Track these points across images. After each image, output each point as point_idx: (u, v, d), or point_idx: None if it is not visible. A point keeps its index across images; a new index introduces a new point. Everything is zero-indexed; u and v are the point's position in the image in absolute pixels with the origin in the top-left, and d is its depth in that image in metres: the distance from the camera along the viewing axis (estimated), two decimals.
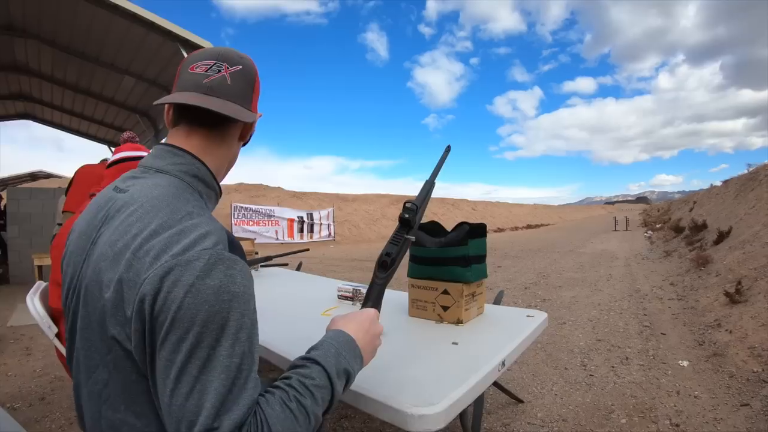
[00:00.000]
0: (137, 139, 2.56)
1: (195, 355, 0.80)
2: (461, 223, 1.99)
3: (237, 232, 19.50)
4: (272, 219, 21.68)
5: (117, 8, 6.73)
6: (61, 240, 2.18)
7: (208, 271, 0.82)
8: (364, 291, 2.33)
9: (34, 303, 2.04)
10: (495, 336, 1.76)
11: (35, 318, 2.01)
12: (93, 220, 1.02)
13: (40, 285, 2.18)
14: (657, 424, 3.04)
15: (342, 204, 29.32)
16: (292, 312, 2.00)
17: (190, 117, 1.08)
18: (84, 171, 6.68)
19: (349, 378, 1.05)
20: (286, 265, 3.81)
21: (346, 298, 2.46)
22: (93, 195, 2.29)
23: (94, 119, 12.94)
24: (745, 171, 15.51)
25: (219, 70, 1.06)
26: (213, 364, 0.80)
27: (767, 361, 3.67)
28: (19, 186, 21.33)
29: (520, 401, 3.42)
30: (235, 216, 20.11)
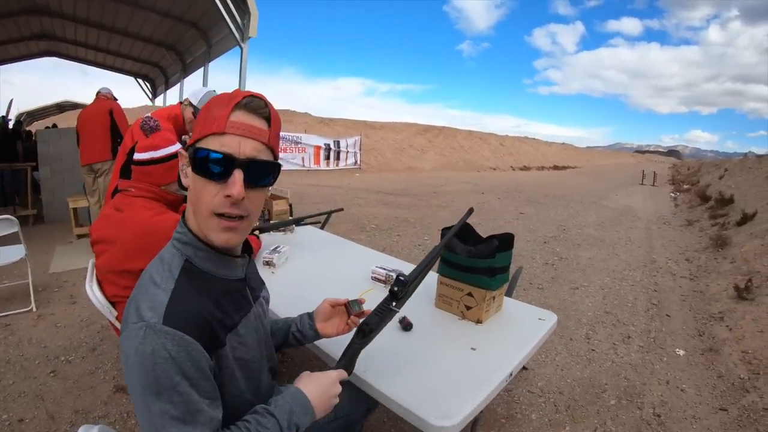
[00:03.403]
0: (151, 126, 2.58)
1: (146, 401, 1.01)
2: (491, 237, 2.19)
3: None
4: (299, 146, 21.64)
5: None
6: (99, 226, 2.40)
7: (145, 339, 1.01)
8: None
9: (93, 291, 2.25)
10: (508, 342, 2.00)
11: (96, 305, 2.22)
12: None
13: (93, 267, 2.38)
14: (641, 411, 3.29)
15: (369, 132, 29.22)
16: (329, 289, 2.21)
17: None
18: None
19: (298, 430, 1.21)
20: (318, 223, 4.00)
21: (379, 280, 2.65)
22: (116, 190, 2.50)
23: (120, 53, 12.90)
24: None
25: None
26: (162, 411, 1.01)
27: (755, 369, 3.81)
28: (48, 117, 21.32)
29: (525, 368, 3.70)
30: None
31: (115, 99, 6.73)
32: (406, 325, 2.06)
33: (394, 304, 1.52)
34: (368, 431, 2.87)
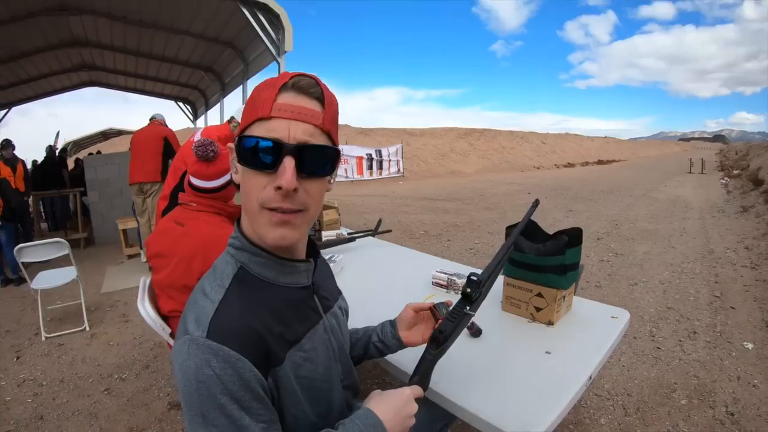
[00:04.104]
0: (215, 151, 2.30)
1: (193, 421, 0.92)
2: (560, 233, 2.10)
3: None
4: (341, 157, 21.66)
5: None
6: (157, 240, 2.38)
7: (188, 354, 0.92)
8: (458, 281, 2.45)
9: (146, 308, 2.20)
10: (583, 344, 1.91)
11: (149, 323, 2.17)
12: None
13: (144, 284, 2.34)
14: (714, 410, 3.16)
15: (410, 139, 29.60)
16: (388, 298, 2.15)
17: None
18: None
19: None
20: (371, 231, 3.90)
21: (440, 286, 2.56)
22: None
23: (159, 78, 13.13)
24: None
25: None
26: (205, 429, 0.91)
27: None
28: (93, 145, 21.96)
29: None
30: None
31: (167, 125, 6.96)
32: (475, 331, 1.97)
33: (468, 307, 1.38)
34: None
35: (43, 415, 3.18)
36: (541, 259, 2.06)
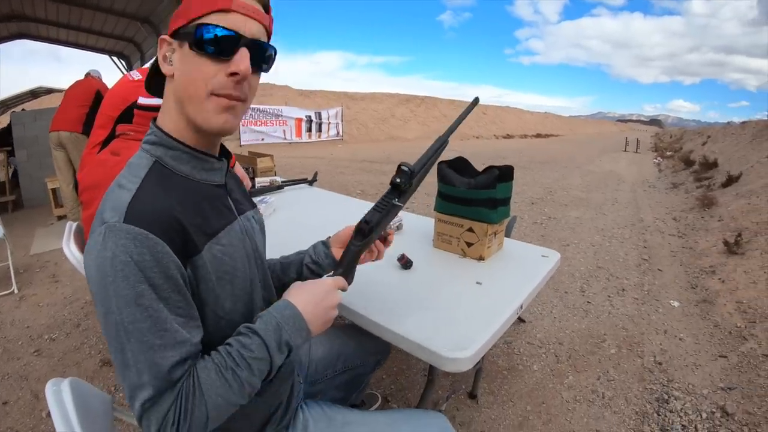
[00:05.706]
0: None
1: (108, 320, 0.87)
2: (490, 167, 2.11)
3: (245, 133, 19.62)
4: (280, 119, 21.41)
5: None
6: (90, 172, 2.27)
7: (104, 244, 0.86)
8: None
9: (71, 250, 2.10)
10: (514, 276, 1.93)
11: (74, 263, 2.07)
12: None
13: (71, 227, 2.24)
14: (642, 359, 3.27)
15: (350, 103, 29.25)
16: (322, 235, 2.11)
17: None
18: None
19: (291, 350, 1.05)
20: (306, 179, 3.92)
21: None
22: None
23: (93, 30, 12.28)
24: (766, 117, 15.48)
25: None
26: (125, 330, 0.86)
27: (751, 318, 3.80)
28: (22, 105, 20.69)
29: (523, 321, 3.72)
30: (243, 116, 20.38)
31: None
32: (405, 263, 1.95)
33: (396, 199, 1.32)
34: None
35: None
36: (471, 192, 2.06)
